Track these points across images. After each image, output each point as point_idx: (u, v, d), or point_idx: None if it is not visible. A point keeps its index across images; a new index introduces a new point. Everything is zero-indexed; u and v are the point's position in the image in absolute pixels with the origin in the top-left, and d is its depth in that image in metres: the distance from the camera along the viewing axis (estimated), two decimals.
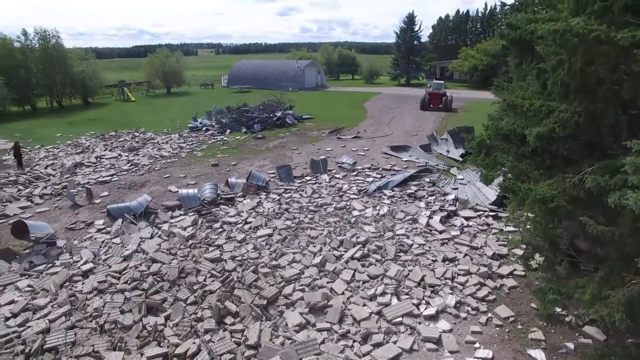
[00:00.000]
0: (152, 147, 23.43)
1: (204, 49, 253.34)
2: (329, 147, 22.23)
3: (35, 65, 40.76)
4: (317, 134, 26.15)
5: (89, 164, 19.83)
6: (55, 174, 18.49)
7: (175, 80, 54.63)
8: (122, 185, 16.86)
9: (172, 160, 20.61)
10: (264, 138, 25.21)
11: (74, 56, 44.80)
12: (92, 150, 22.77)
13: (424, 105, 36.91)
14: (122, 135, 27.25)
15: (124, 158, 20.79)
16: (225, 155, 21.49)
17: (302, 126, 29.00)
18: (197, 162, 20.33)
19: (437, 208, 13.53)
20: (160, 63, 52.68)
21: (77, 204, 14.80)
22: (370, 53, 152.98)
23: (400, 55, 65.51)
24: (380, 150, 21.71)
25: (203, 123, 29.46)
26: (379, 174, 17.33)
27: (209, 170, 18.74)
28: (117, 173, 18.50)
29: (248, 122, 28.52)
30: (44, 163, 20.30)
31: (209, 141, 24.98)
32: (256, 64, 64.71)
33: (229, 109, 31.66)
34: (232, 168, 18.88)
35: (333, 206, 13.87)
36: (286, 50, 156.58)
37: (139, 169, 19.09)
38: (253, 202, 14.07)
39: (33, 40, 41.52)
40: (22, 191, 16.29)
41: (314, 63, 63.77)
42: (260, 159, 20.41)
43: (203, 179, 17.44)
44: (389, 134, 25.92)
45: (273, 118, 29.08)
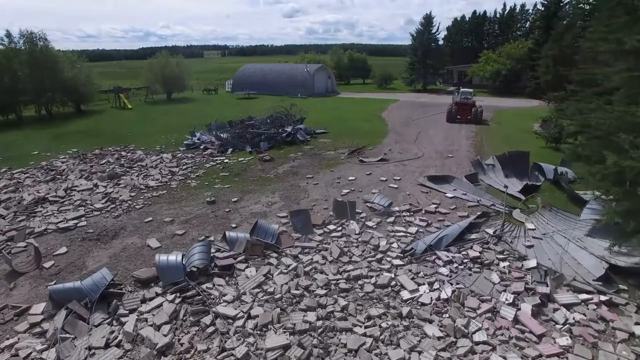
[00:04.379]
0: (138, 172, 19.49)
1: (210, 50, 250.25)
2: (352, 175, 18.16)
3: (21, 70, 37.11)
4: (334, 155, 22.12)
5: (55, 199, 15.90)
6: (7, 216, 14.57)
7: (176, 86, 50.89)
8: (89, 236, 12.89)
9: (160, 194, 16.63)
10: (272, 160, 21.21)
11: (65, 60, 41.09)
12: (65, 177, 18.86)
13: (450, 116, 32.81)
14: (107, 154, 23.40)
15: (101, 190, 16.85)
16: (225, 185, 17.49)
17: (315, 143, 24.97)
18: (190, 196, 16.34)
19: (521, 288, 9.40)
20: (160, 67, 48.92)
21: (16, 271, 10.84)
22: (377, 55, 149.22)
23: (416, 59, 61.36)
24: (415, 179, 17.63)
25: (201, 139, 25.55)
26: (423, 220, 13.24)
27: (204, 210, 14.75)
28: (86, 214, 14.55)
29: (253, 138, 24.56)
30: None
31: (206, 164, 21.02)
32: (262, 68, 60.83)
33: (232, 124, 27.68)
34: (232, 207, 14.88)
35: (372, 280, 9.81)
36: (293, 52, 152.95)
37: (116, 208, 15.14)
38: (259, 274, 10.02)
39: (18, 42, 37.81)
40: None
41: (324, 67, 59.84)
42: (269, 192, 16.38)
43: (195, 225, 13.45)
44: (419, 156, 21.83)
45: (282, 134, 25.08)
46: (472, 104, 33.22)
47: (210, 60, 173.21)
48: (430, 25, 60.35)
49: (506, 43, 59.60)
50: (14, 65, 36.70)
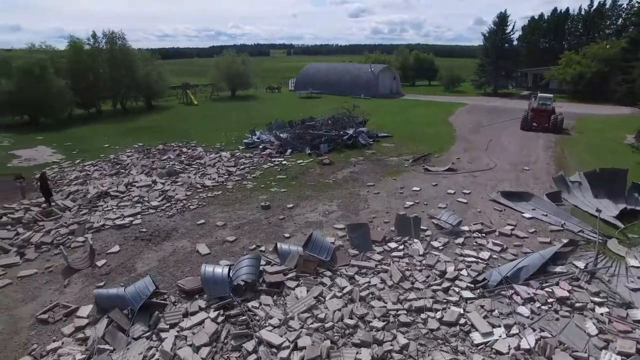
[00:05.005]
0: (196, 170, 19.40)
1: (276, 49, 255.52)
2: (416, 186, 16.76)
3: (102, 67, 39.35)
4: (397, 162, 20.75)
5: (116, 194, 16.08)
6: (73, 208, 14.87)
7: (241, 83, 51.67)
8: (142, 235, 12.71)
9: (215, 194, 16.30)
10: (331, 164, 20.29)
11: (140, 58, 43.05)
12: (127, 172, 19.21)
13: (526, 123, 29.99)
14: (169, 149, 23.76)
15: (158, 187, 16.84)
16: (281, 189, 16.82)
17: (378, 148, 23.71)
18: (245, 199, 15.84)
19: (631, 348, 7.63)
20: (226, 65, 49.91)
21: (71, 268, 10.78)
22: (444, 56, 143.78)
23: (487, 61, 57.64)
24: (486, 194, 15.88)
25: (261, 138, 25.23)
26: (497, 244, 11.63)
27: (257, 215, 14.12)
28: (142, 212, 14.48)
29: (313, 140, 23.80)
30: (69, 189, 16.91)
31: (264, 164, 20.55)
32: (326, 68, 60.23)
33: (292, 124, 27.12)
34: (287, 214, 14.12)
35: (437, 315, 8.52)
36: (357, 52, 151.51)
37: (171, 207, 14.96)
38: (310, 296, 9.09)
39: (101, 42, 40.11)
40: (20, 236, 12.68)
41: (389, 68, 58.03)
42: (326, 200, 15.46)
43: (246, 231, 12.83)
44: (491, 167, 19.85)
45: (344, 137, 24.08)
46: (552, 110, 30.16)
47: (275, 59, 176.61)
48: (505, 24, 56.34)
49: (592, 43, 54.25)
50: (97, 64, 39.00)
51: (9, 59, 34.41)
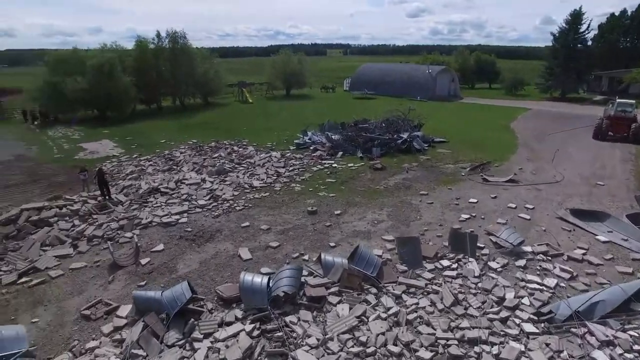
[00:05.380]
0: (245, 170, 19.32)
1: (333, 49, 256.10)
2: (473, 197, 15.55)
3: (164, 65, 40.93)
4: (453, 170, 19.51)
5: (165, 190, 16.28)
6: (125, 203, 15.21)
7: (296, 82, 51.83)
8: (186, 235, 12.66)
9: (262, 196, 16.06)
10: (383, 169, 19.46)
11: (199, 56, 44.34)
12: (179, 169, 19.51)
13: (600, 132, 27.32)
14: (220, 147, 24.00)
15: (207, 185, 16.88)
16: (329, 193, 16.27)
17: (433, 154, 22.52)
18: (292, 202, 15.45)
19: None
20: (282, 64, 50.27)
21: (117, 264, 10.87)
22: (506, 58, 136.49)
23: (556, 63, 53.68)
24: (553, 211, 14.38)
25: (312, 139, 24.85)
26: (566, 270, 10.33)
27: (303, 220, 13.66)
28: (189, 210, 14.50)
29: (366, 143, 23.05)
30: (123, 184, 17.39)
31: (314, 166, 20.11)
32: (382, 68, 59.05)
33: (344, 125, 26.51)
34: (334, 222, 13.53)
35: (493, 350, 7.56)
36: (415, 52, 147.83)
37: (217, 207, 14.87)
38: (352, 315, 8.43)
39: (164, 41, 41.73)
40: (75, 228, 13.07)
41: (448, 69, 55.77)
42: (376, 208, 14.70)
43: (291, 237, 12.40)
44: (559, 180, 18.11)
45: (397, 141, 23.12)
46: (632, 118, 27.30)
47: (332, 59, 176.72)
48: (579, 22, 52.12)
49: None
50: (159, 62, 40.68)
51: (84, 59, 36.68)
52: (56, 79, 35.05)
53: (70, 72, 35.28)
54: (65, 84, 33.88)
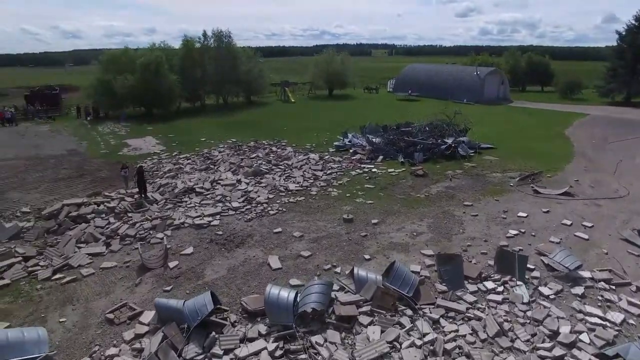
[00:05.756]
0: (282, 172, 18.94)
1: (378, 49, 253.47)
2: (523, 211, 14.31)
3: (209, 64, 41.58)
4: (501, 179, 18.21)
5: (201, 190, 16.16)
6: (160, 202, 15.20)
7: (339, 83, 51.24)
8: (217, 239, 12.36)
9: (297, 200, 15.58)
10: (425, 176, 18.48)
11: (243, 55, 44.75)
12: (216, 168, 19.43)
13: None
14: (259, 147, 23.81)
15: (242, 187, 16.61)
16: (367, 200, 15.54)
17: (479, 161, 21.21)
18: (328, 208, 14.85)
19: None
20: (325, 64, 49.86)
21: (145, 267, 10.72)
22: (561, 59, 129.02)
23: (621, 64, 49.72)
24: (616, 231, 12.92)
25: (353, 141, 24.17)
26: (634, 304, 9.06)
27: (338, 229, 13.03)
28: (222, 212, 14.25)
29: (408, 147, 22.09)
30: (160, 182, 17.47)
31: (352, 171, 19.43)
32: (427, 69, 57.25)
33: (386, 128, 25.61)
34: (370, 231, 12.81)
35: None
36: (462, 53, 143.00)
37: (251, 210, 14.53)
38: (384, 339, 7.72)
39: (210, 40, 42.43)
40: (110, 226, 13.13)
41: (497, 71, 53.09)
42: (416, 218, 13.84)
43: (324, 247, 11.81)
44: (623, 195, 16.41)
45: (441, 146, 21.99)
46: None
47: (376, 59, 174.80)
48: None
49: None
50: (204, 61, 41.41)
51: (134, 57, 37.94)
52: (108, 76, 36.44)
53: (121, 70, 36.60)
54: (116, 81, 35.11)
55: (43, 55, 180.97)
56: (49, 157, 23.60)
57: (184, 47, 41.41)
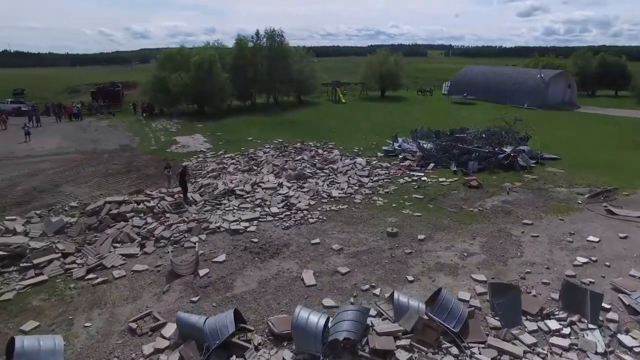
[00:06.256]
0: (326, 177, 18.18)
1: (433, 50, 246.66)
2: (594, 235, 12.56)
3: (260, 63, 41.76)
4: (567, 195, 16.35)
5: (241, 193, 15.75)
6: (199, 203, 14.94)
7: (391, 84, 49.81)
8: (251, 247, 11.80)
9: (339, 208, 14.75)
10: (479, 188, 17.01)
11: (296, 55, 44.56)
12: (259, 170, 19.03)
13: None
14: (305, 149, 23.23)
15: (283, 191, 16.02)
16: (414, 212, 14.41)
17: (541, 173, 19.30)
18: (371, 219, 13.89)
19: None
20: (378, 64, 48.62)
21: (175, 273, 10.33)
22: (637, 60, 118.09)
23: None
24: None
25: (402, 146, 22.98)
26: None
27: (381, 243, 12.06)
28: (260, 217, 13.71)
29: (462, 155, 20.59)
30: (201, 182, 17.29)
31: (400, 178, 18.31)
32: (485, 71, 54.31)
33: (439, 134, 24.13)
34: (416, 248, 11.73)
35: None
36: (524, 54, 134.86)
37: (290, 216, 13.88)
38: None
39: (263, 39, 42.61)
40: (147, 226, 12.98)
41: (564, 74, 49.25)
42: (467, 236, 12.56)
43: (364, 263, 10.89)
44: None
45: (499, 155, 20.28)
46: None
47: (432, 60, 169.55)
48: None
49: None
50: (256, 59, 41.63)
51: (189, 56, 38.84)
52: (164, 74, 37.51)
53: (176, 68, 37.56)
54: (170, 79, 36.02)
55: (114, 55, 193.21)
56: (103, 152, 24.40)
57: (237, 46, 41.87)
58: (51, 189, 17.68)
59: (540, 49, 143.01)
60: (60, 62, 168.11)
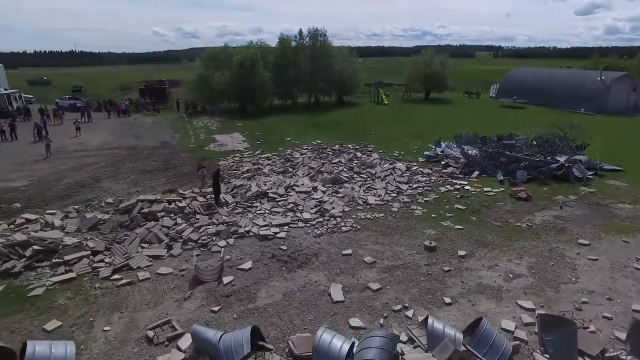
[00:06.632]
0: (363, 182, 17.43)
1: (482, 51, 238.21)
2: None
3: (303, 62, 41.45)
4: (631, 212, 14.70)
5: (274, 196, 15.30)
6: (230, 205, 14.62)
7: (436, 85, 48.07)
8: (279, 254, 11.28)
9: (375, 217, 13.97)
10: (528, 200, 15.67)
11: (338, 54, 43.92)
12: (294, 172, 18.55)
13: None
14: (343, 151, 22.57)
15: (317, 196, 15.43)
16: (455, 224, 13.39)
17: (601, 186, 17.57)
18: (408, 230, 13.02)
19: None
20: (423, 65, 47.07)
21: (199, 279, 9.98)
22: None
23: None
24: None
25: (445, 152, 21.81)
26: None
27: (417, 257, 11.20)
28: (291, 223, 13.18)
29: (510, 163, 19.18)
30: (235, 183, 17.01)
31: (442, 186, 17.25)
32: (537, 73, 51.29)
33: (485, 140, 22.70)
34: (455, 265, 10.78)
35: None
36: (581, 55, 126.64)
37: (322, 224, 13.26)
38: None
39: (305, 39, 42.32)
40: (176, 227, 12.78)
41: (629, 76, 45.53)
42: (513, 254, 11.44)
43: (397, 280, 10.09)
44: None
45: (552, 165, 18.72)
46: None
47: (480, 61, 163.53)
48: None
49: None
50: (299, 59, 41.36)
51: (232, 55, 39.16)
52: (207, 72, 38.00)
53: (220, 66, 37.96)
54: (212, 77, 36.43)
55: (166, 54, 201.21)
56: (144, 148, 24.83)
57: (279, 45, 41.78)
58: (92, 184, 18.02)
59: (601, 49, 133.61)
60: (117, 61, 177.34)
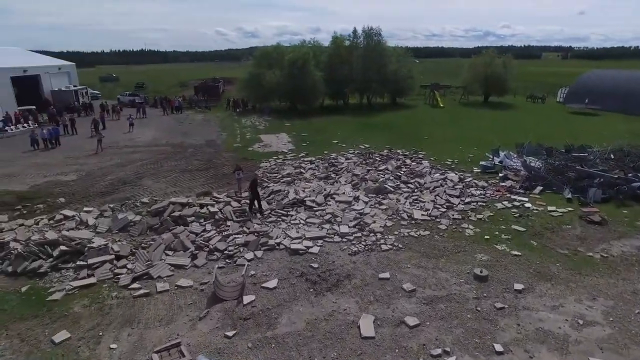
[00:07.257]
0: (410, 193, 15.95)
1: (550, 52, 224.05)
2: None
3: (356, 62, 40.24)
4: None
5: (311, 204, 14.26)
6: (265, 211, 13.76)
7: (497, 88, 44.87)
8: (308, 273, 10.21)
9: (420, 235, 12.52)
10: (603, 224, 13.49)
11: (393, 55, 42.22)
12: (336, 178, 17.42)
13: None
14: (392, 157, 21.13)
15: (358, 207, 14.20)
16: (512, 249, 11.66)
17: None
18: (456, 253, 11.48)
19: None
20: (483, 66, 44.12)
21: (218, 297, 9.14)
22: None
23: None
24: None
25: (504, 163, 19.74)
26: None
27: (464, 289, 9.69)
28: (326, 237, 12.07)
29: (580, 179, 16.88)
30: (272, 188, 16.15)
31: (498, 202, 15.39)
32: (615, 76, 46.41)
33: (551, 151, 20.30)
34: (510, 302, 9.17)
35: None
36: None
37: (360, 239, 12.04)
38: None
39: (359, 38, 41.06)
40: (204, 234, 12.10)
41: None
42: (584, 293, 9.60)
43: (439, 315, 8.68)
44: None
45: (633, 183, 16.23)
46: None
47: (547, 63, 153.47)
48: None
49: None
50: (352, 58, 40.19)
51: (285, 54, 38.70)
52: (259, 71, 37.81)
53: (272, 65, 37.64)
54: (264, 76, 36.15)
55: (226, 52, 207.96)
56: (189, 146, 24.77)
57: (332, 45, 40.82)
58: (133, 181, 17.97)
59: None
60: (181, 59, 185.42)
